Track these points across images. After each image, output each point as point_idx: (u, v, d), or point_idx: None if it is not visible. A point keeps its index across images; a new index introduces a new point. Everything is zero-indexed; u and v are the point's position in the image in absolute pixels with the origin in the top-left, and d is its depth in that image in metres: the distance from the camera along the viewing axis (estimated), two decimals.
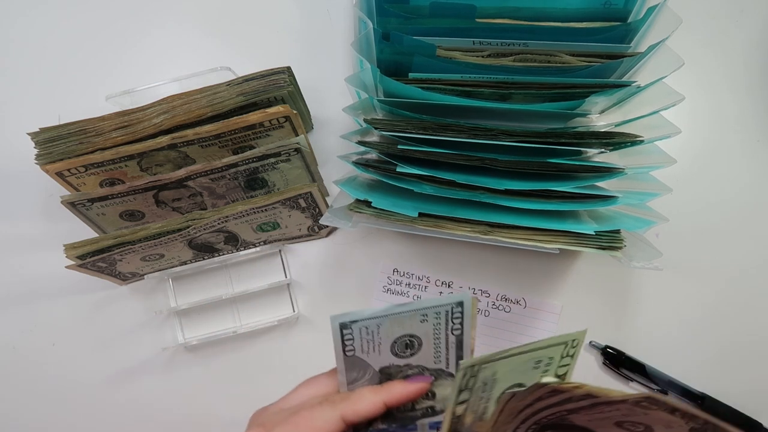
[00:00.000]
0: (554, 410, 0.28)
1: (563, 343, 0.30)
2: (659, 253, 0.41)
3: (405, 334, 0.32)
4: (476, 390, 0.30)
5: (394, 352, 0.33)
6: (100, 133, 0.45)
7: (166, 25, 0.56)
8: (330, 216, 0.43)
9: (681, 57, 0.39)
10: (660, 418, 0.26)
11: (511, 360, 0.29)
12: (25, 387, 0.53)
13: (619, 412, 0.27)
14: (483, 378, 0.30)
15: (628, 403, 0.25)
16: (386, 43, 0.41)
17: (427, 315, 0.32)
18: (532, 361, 0.30)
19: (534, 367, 0.31)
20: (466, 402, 0.30)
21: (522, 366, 0.30)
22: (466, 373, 0.29)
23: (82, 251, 0.46)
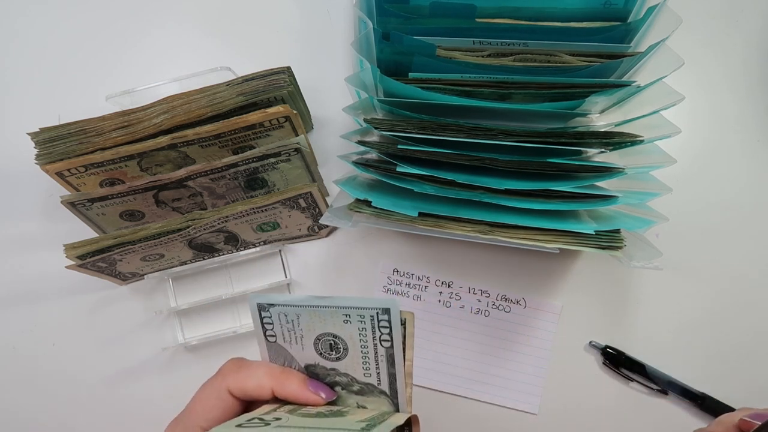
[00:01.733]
0: None
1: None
2: (659, 253, 0.41)
3: (327, 333, 0.31)
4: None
5: (318, 351, 0.32)
6: (100, 133, 0.45)
7: (166, 25, 0.56)
8: (330, 216, 0.43)
9: (681, 57, 0.39)
10: None
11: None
12: (25, 387, 0.53)
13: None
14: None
15: None
16: (386, 43, 0.41)
17: (350, 316, 0.30)
18: (338, 314, 0.30)
19: (345, 320, 0.31)
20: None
21: (329, 316, 0.31)
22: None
23: (82, 251, 0.46)
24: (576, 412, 0.51)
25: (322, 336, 0.32)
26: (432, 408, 0.52)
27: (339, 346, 0.32)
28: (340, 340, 0.31)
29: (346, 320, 0.31)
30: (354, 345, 0.31)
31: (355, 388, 0.33)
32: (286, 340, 0.32)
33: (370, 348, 0.31)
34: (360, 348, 0.31)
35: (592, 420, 0.51)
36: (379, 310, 0.30)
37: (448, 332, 0.52)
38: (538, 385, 0.51)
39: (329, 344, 0.32)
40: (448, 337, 0.52)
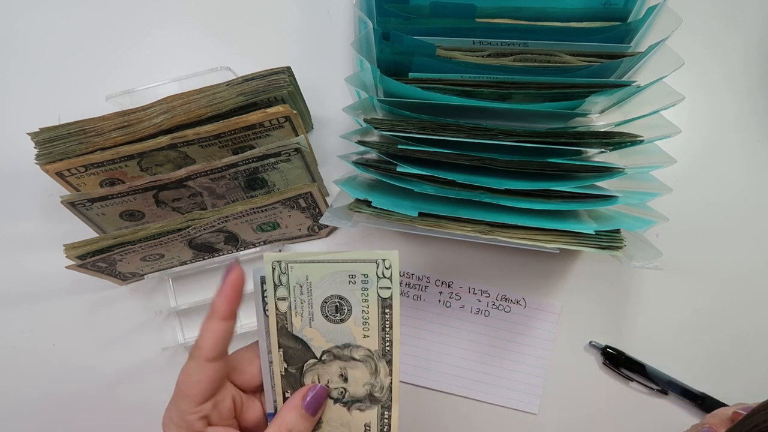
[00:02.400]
0: None
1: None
2: (659, 253, 0.41)
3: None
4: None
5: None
6: (100, 133, 0.45)
7: (166, 25, 0.56)
8: (330, 216, 0.43)
9: (681, 57, 0.39)
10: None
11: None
12: (25, 387, 0.53)
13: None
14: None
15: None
16: (386, 43, 0.41)
17: (355, 276, 0.33)
18: (344, 274, 0.33)
19: (350, 281, 0.33)
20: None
21: (336, 277, 0.33)
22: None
23: (82, 251, 0.46)
24: (576, 412, 0.51)
25: (329, 299, 0.33)
26: (432, 408, 0.52)
27: (343, 308, 0.34)
28: (345, 301, 0.33)
29: (351, 280, 0.33)
30: (356, 303, 0.33)
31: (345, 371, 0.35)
32: (296, 309, 0.34)
33: (372, 301, 0.33)
34: (361, 306, 0.33)
35: (592, 420, 0.51)
36: (381, 261, 0.33)
37: (448, 332, 0.52)
38: (538, 385, 0.51)
39: (335, 306, 0.34)
40: (448, 337, 0.52)
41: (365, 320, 0.34)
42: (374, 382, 0.34)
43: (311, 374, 0.35)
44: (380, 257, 0.32)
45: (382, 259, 0.32)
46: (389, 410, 0.35)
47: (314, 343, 0.34)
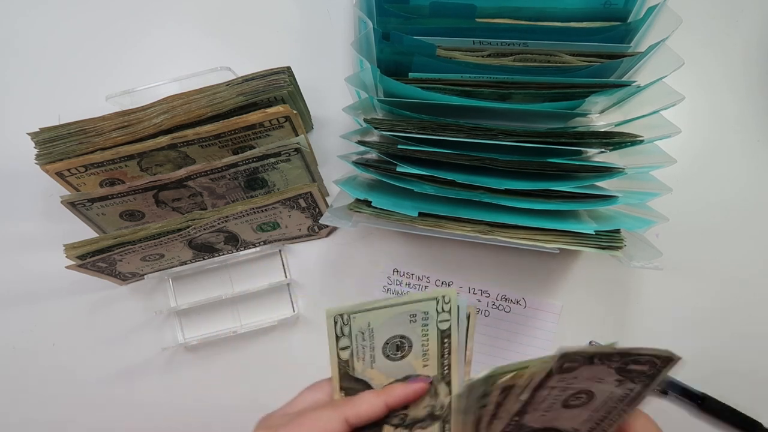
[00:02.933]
0: (512, 419, 0.29)
1: (433, 298, 0.33)
2: (659, 253, 0.41)
3: (395, 335, 0.34)
4: (356, 338, 0.34)
5: (386, 354, 0.34)
6: (100, 133, 0.45)
7: (166, 25, 0.56)
8: (330, 216, 0.43)
9: (681, 57, 0.39)
10: (588, 374, 0.27)
11: (382, 312, 0.33)
12: (25, 387, 0.53)
13: (556, 390, 0.28)
14: (358, 327, 0.33)
15: (555, 374, 0.26)
16: (386, 43, 0.41)
17: (416, 315, 0.34)
18: (405, 314, 0.33)
19: (411, 320, 0.33)
20: (349, 348, 0.34)
21: (397, 318, 0.33)
22: (336, 320, 0.33)
23: (82, 251, 0.46)
24: None
25: (390, 339, 0.34)
26: None
27: (404, 345, 0.34)
28: (406, 339, 0.34)
29: (412, 320, 0.34)
30: (416, 339, 0.34)
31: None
32: (358, 355, 0.34)
33: (431, 335, 0.34)
34: (421, 341, 0.34)
35: None
36: (441, 297, 0.33)
37: None
38: None
39: (396, 345, 0.34)
40: None
41: (425, 352, 0.34)
42: (435, 403, 0.35)
43: None
44: (440, 294, 0.33)
45: (442, 296, 0.33)
46: (449, 422, 0.35)
47: (375, 382, 0.35)
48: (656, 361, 0.27)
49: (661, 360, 0.27)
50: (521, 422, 0.30)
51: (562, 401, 0.29)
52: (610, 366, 0.26)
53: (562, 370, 0.26)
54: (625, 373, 0.27)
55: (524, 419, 0.29)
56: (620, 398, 0.29)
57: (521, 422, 0.30)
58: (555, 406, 0.29)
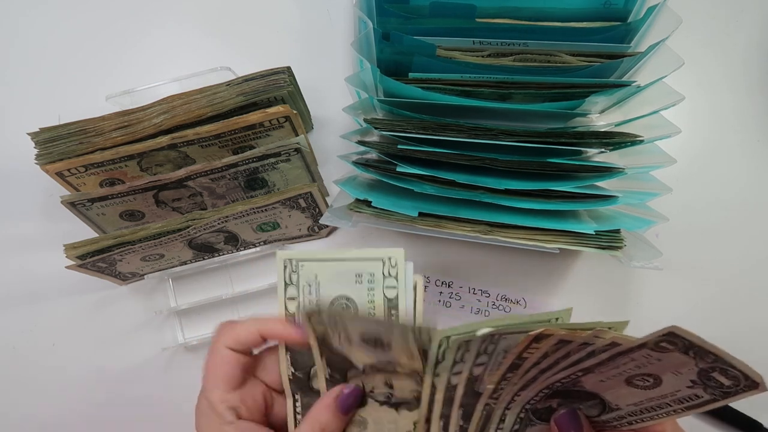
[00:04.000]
0: (572, 370, 0.27)
1: (379, 258, 0.32)
2: (659, 253, 0.41)
3: (341, 296, 0.33)
4: (303, 289, 0.33)
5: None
6: (100, 133, 0.45)
7: (166, 25, 0.56)
8: (330, 216, 0.43)
9: (681, 57, 0.39)
10: (673, 361, 0.25)
11: (329, 265, 0.32)
12: (25, 387, 0.53)
13: (634, 363, 0.26)
14: (306, 277, 0.32)
15: (646, 348, 0.25)
16: (386, 43, 0.41)
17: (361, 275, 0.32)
18: (351, 273, 0.32)
19: (357, 281, 0.32)
20: (296, 300, 0.33)
21: (343, 276, 0.32)
22: (286, 265, 0.32)
23: (82, 251, 0.46)
24: None
25: (336, 300, 0.33)
26: None
27: (349, 308, 0.33)
28: (351, 301, 0.33)
29: (357, 280, 0.32)
30: (362, 304, 0.33)
31: None
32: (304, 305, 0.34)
33: (378, 301, 0.33)
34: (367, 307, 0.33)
35: None
36: (387, 259, 0.32)
37: None
38: None
39: (342, 307, 0.33)
40: None
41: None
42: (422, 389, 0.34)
43: (354, 381, 0.34)
44: (386, 255, 0.32)
45: (388, 257, 0.32)
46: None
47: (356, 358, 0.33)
48: (741, 380, 0.25)
49: (747, 381, 0.25)
50: (579, 379, 0.28)
51: (628, 377, 0.27)
52: (697, 364, 0.25)
53: (656, 347, 0.25)
54: (704, 378, 0.26)
55: (584, 378, 0.28)
56: (680, 399, 0.28)
57: (579, 379, 0.28)
58: (618, 378, 0.28)
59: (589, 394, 0.30)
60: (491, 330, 0.26)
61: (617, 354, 0.26)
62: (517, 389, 0.29)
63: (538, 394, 0.30)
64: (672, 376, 0.27)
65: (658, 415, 0.29)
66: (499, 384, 0.29)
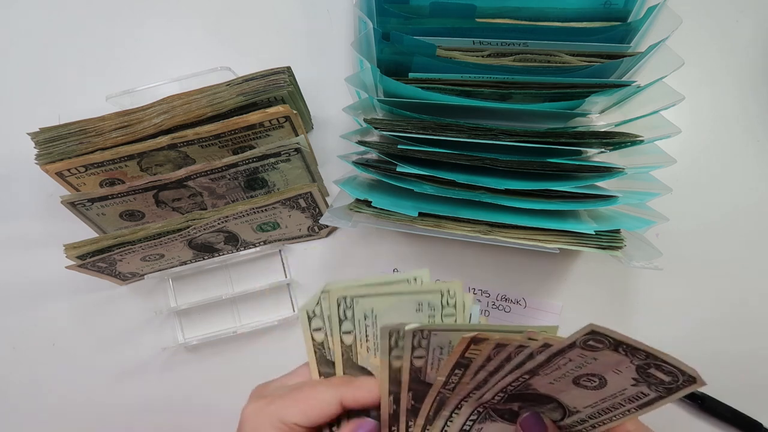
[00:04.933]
0: (517, 374, 0.28)
1: (438, 290, 0.32)
2: (659, 253, 0.41)
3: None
4: (359, 322, 0.32)
5: None
6: (100, 133, 0.45)
7: (166, 25, 0.56)
8: (330, 216, 0.43)
9: (681, 57, 0.39)
10: (608, 360, 0.26)
11: (385, 299, 0.32)
12: (25, 387, 0.53)
13: (573, 363, 0.27)
14: (362, 311, 0.32)
15: (576, 348, 0.25)
16: (386, 43, 0.41)
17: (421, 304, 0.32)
18: (412, 303, 0.32)
19: (417, 309, 0.32)
20: (352, 332, 0.33)
21: (402, 306, 0.32)
22: (340, 303, 0.32)
23: (82, 251, 0.46)
24: None
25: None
26: None
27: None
28: None
29: (418, 309, 0.32)
30: None
31: None
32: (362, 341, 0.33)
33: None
34: None
35: None
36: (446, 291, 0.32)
37: None
38: None
39: None
40: None
41: None
42: None
43: None
44: (444, 288, 0.32)
45: (447, 289, 0.32)
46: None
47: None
48: (679, 376, 0.26)
49: (684, 376, 0.26)
50: (528, 382, 0.29)
51: (574, 378, 0.28)
52: (632, 361, 0.26)
53: (585, 346, 0.25)
54: (644, 375, 0.27)
55: (533, 380, 0.29)
56: (630, 398, 0.28)
57: (528, 382, 0.29)
58: (565, 379, 0.29)
59: (546, 398, 0.31)
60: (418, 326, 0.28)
61: (553, 355, 0.26)
62: (471, 388, 0.30)
63: (494, 397, 0.31)
64: (614, 375, 0.27)
65: (615, 416, 0.30)
66: (450, 378, 0.29)
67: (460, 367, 0.29)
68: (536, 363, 0.27)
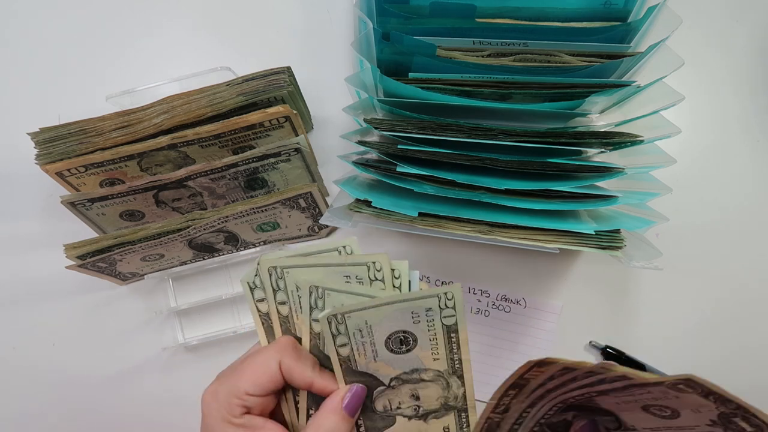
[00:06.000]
0: (584, 391, 0.28)
1: (435, 295, 0.32)
2: (659, 253, 0.41)
3: (398, 330, 0.33)
4: (353, 335, 0.33)
5: (389, 348, 0.34)
6: (100, 133, 0.45)
7: (166, 25, 0.56)
8: (330, 216, 0.43)
9: (681, 57, 0.39)
10: (691, 401, 0.25)
11: (314, 270, 0.33)
12: (25, 387, 0.53)
13: (650, 395, 0.26)
14: (355, 325, 0.32)
15: (663, 386, 0.24)
16: (386, 43, 0.41)
17: (419, 315, 0.33)
18: (407, 312, 0.33)
19: (414, 319, 0.33)
20: (348, 345, 0.33)
21: (398, 315, 0.32)
22: (330, 320, 0.32)
23: (82, 251, 0.46)
24: None
25: (392, 334, 0.33)
26: None
27: (408, 339, 0.33)
28: (409, 333, 0.33)
29: (414, 317, 0.33)
30: (422, 332, 0.33)
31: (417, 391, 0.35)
32: (359, 351, 0.34)
33: (438, 329, 0.33)
34: (428, 335, 0.33)
35: None
36: (443, 294, 0.32)
37: None
38: None
39: (399, 339, 0.33)
40: None
41: (433, 346, 0.34)
42: (447, 395, 0.35)
43: (381, 400, 0.35)
44: (442, 292, 0.32)
45: (444, 292, 0.32)
46: (466, 412, 0.35)
47: (381, 373, 0.34)
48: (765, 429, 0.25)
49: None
50: (595, 399, 0.29)
51: (645, 404, 0.28)
52: (717, 407, 0.25)
53: (674, 388, 0.25)
54: (725, 421, 0.26)
55: (599, 398, 0.28)
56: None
57: (595, 399, 0.29)
58: (636, 404, 0.28)
59: (605, 411, 0.30)
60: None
61: (632, 385, 0.26)
62: (525, 407, 0.30)
63: (552, 408, 0.30)
64: (691, 412, 0.26)
65: None
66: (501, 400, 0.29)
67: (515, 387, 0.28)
68: (611, 387, 0.27)
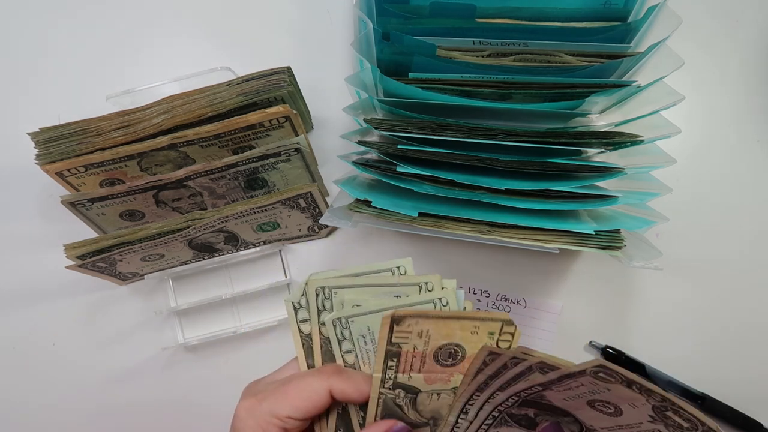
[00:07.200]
0: (527, 384, 0.28)
1: (416, 283, 0.33)
2: (659, 253, 0.41)
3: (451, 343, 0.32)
4: (357, 341, 0.33)
5: (436, 359, 0.33)
6: (100, 133, 0.45)
7: (166, 25, 0.56)
8: (330, 216, 0.43)
9: (681, 57, 0.39)
10: (622, 394, 0.26)
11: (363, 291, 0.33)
12: (25, 387, 0.53)
13: (585, 388, 0.27)
14: (359, 331, 0.32)
15: (587, 375, 0.25)
16: (386, 43, 0.41)
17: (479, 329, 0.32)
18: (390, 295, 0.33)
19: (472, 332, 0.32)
20: (353, 352, 0.33)
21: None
22: (318, 293, 0.33)
23: (82, 251, 0.46)
24: None
25: (444, 346, 0.32)
26: None
27: (458, 354, 0.32)
28: (460, 348, 0.32)
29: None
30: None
31: None
32: (363, 360, 0.33)
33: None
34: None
35: None
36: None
37: None
38: None
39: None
40: None
41: None
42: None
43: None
44: (423, 281, 0.32)
45: (425, 282, 0.32)
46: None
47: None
48: (699, 425, 0.25)
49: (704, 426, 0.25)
50: (542, 393, 0.29)
51: (588, 400, 0.28)
52: (647, 400, 0.25)
53: (597, 377, 0.25)
54: (660, 416, 0.26)
55: (546, 393, 0.29)
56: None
57: (542, 393, 0.29)
58: (579, 400, 0.28)
59: (562, 411, 0.31)
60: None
61: (564, 376, 0.26)
62: (473, 390, 0.30)
63: (507, 399, 0.30)
64: (630, 407, 0.27)
65: None
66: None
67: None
68: (547, 379, 0.27)
